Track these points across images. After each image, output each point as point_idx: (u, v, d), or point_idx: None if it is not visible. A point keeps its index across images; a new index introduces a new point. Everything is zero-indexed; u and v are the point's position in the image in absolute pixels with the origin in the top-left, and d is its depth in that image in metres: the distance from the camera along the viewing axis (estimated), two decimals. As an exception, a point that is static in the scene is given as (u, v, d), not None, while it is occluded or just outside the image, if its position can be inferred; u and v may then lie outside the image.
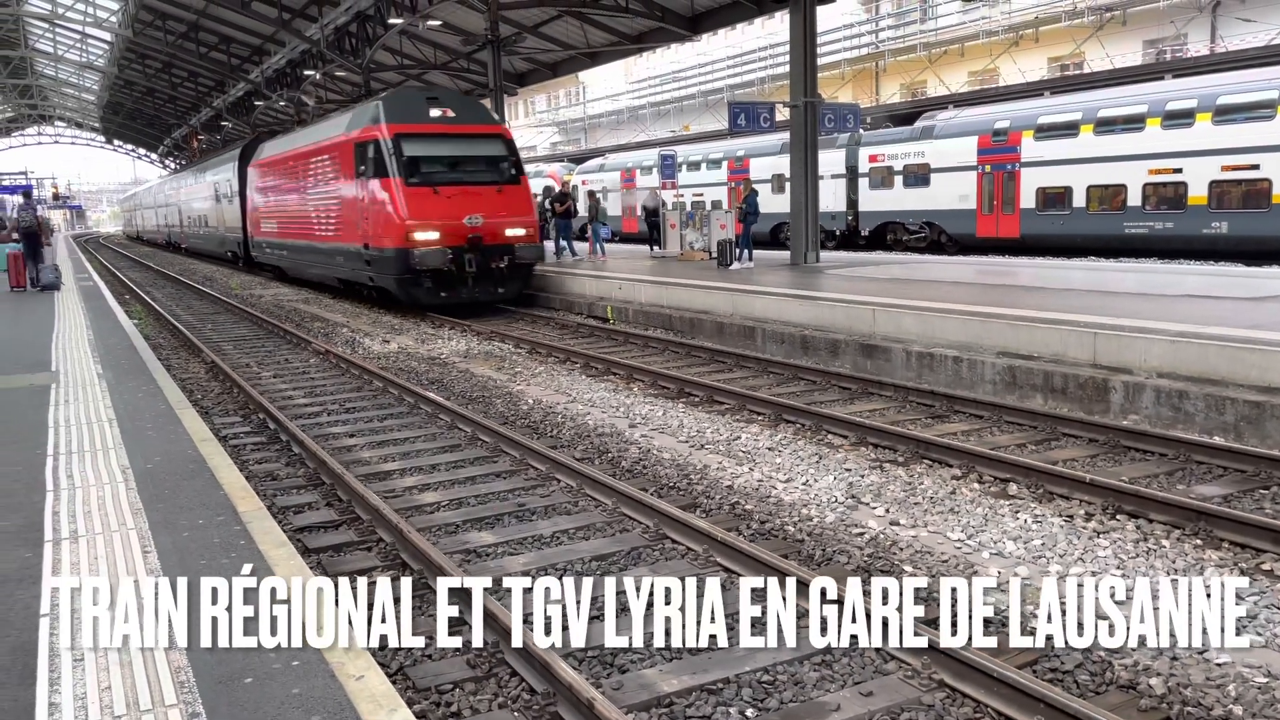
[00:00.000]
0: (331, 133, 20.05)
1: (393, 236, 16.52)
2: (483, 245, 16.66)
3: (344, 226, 18.80)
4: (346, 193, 18.53)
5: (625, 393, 10.32)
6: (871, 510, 6.40)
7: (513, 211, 17.22)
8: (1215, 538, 5.63)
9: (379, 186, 16.95)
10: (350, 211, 18.33)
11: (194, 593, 4.19)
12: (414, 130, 17.14)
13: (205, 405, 10.39)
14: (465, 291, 16.85)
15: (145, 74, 56.25)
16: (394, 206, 16.51)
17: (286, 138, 25.53)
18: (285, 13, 35.87)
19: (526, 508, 6.63)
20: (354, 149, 17.95)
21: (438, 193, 16.65)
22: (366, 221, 17.43)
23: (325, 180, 19.99)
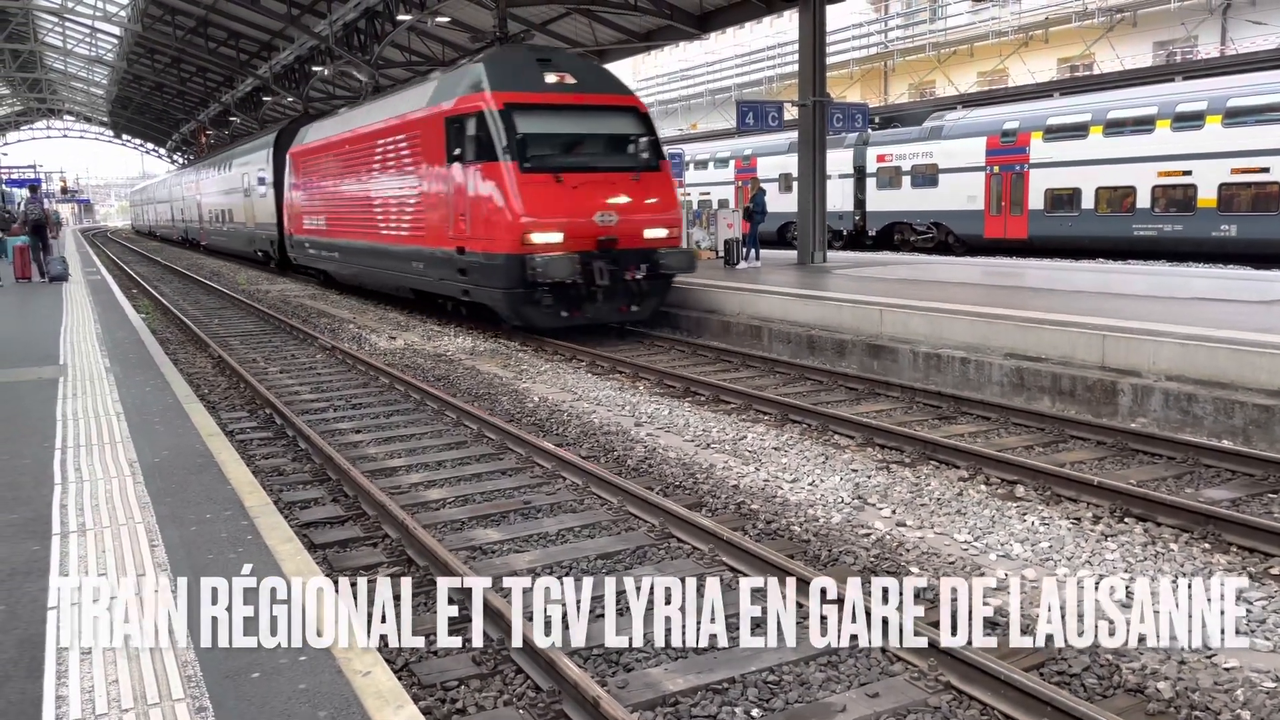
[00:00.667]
0: (407, 107, 16.20)
1: (503, 238, 12.78)
2: (616, 250, 12.95)
3: (426, 224, 15.17)
4: (431, 182, 14.91)
5: (631, 391, 10.31)
6: (878, 511, 6.38)
7: (654, 206, 13.54)
8: (1224, 542, 5.61)
9: (483, 173, 13.19)
10: (436, 206, 14.65)
11: (201, 587, 4.20)
12: (528, 100, 13.38)
13: (212, 400, 10.41)
14: (592, 310, 13.17)
15: (154, 69, 56.35)
16: (505, 199, 12.77)
17: (338, 118, 21.64)
18: (294, 8, 35.90)
19: (532, 505, 6.63)
20: (444, 126, 14.20)
21: (561, 182, 12.85)
22: (463, 219, 13.74)
23: (398, 167, 16.34)
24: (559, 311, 13.03)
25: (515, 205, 12.73)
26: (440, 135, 14.27)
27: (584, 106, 13.87)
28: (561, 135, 13.62)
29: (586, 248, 12.76)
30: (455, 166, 13.81)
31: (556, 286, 12.68)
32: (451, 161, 13.92)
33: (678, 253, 13.73)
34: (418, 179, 15.40)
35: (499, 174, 12.88)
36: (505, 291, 13.03)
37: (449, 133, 14.01)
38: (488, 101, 13.22)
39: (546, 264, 12.36)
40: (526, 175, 12.77)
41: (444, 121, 14.17)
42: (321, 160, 21.05)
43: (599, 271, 12.79)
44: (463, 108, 13.74)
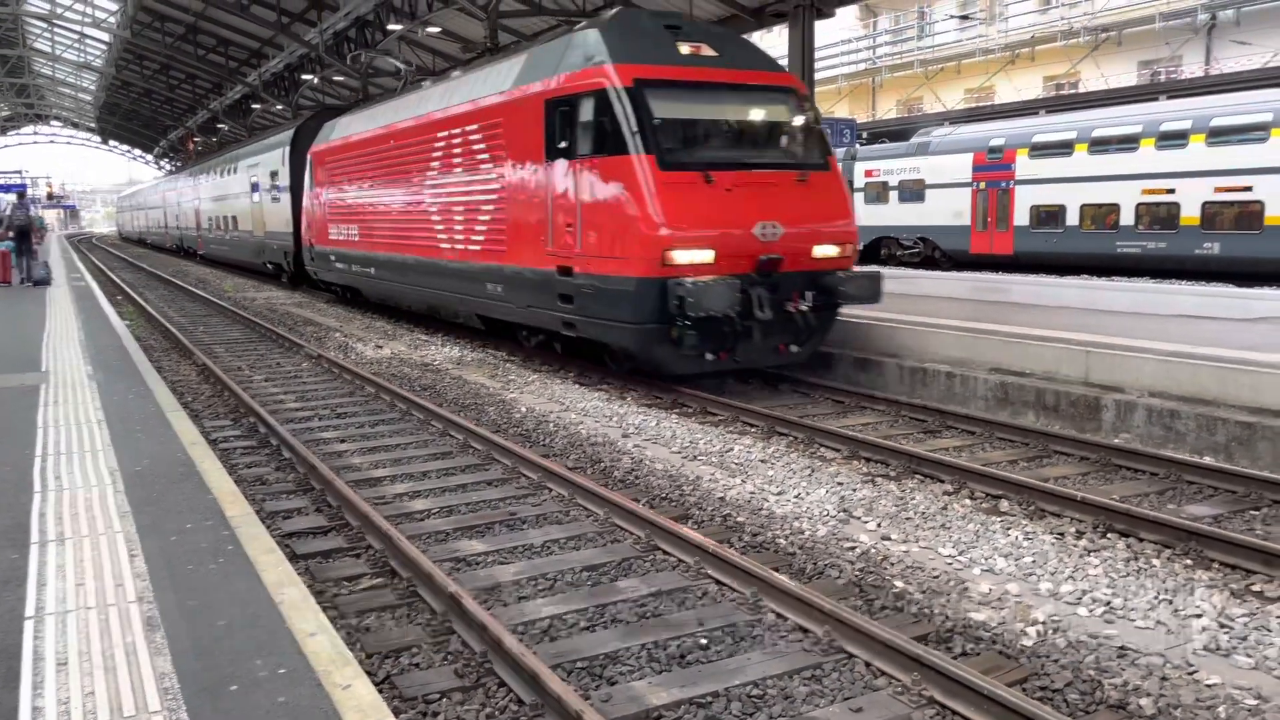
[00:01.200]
0: (482, 91, 13.16)
1: (635, 256, 9.70)
2: (779, 273, 10.05)
3: (509, 237, 12.13)
4: (518, 184, 11.86)
5: (619, 402, 10.30)
6: (863, 524, 6.38)
7: (825, 215, 10.56)
8: (1205, 558, 5.63)
9: (603, 171, 10.12)
10: (525, 213, 11.67)
11: (179, 598, 4.16)
12: (664, 76, 10.37)
13: (196, 408, 10.34)
14: (744, 351, 10.15)
15: (143, 75, 56.26)
16: (639, 205, 9.65)
17: (378, 109, 18.17)
18: (284, 16, 35.92)
19: (518, 516, 6.60)
20: (543, 111, 11.18)
21: (711, 183, 9.86)
22: (569, 230, 10.64)
23: (467, 165, 13.43)
24: (703, 353, 9.95)
25: (654, 213, 9.56)
26: (534, 123, 11.36)
27: (733, 86, 10.77)
28: (709, 122, 10.51)
29: (742, 269, 9.79)
30: (559, 164, 10.87)
31: (703, 321, 9.60)
32: (554, 157, 10.99)
33: (859, 276, 10.44)
34: (497, 180, 12.44)
35: (629, 171, 9.76)
36: (635, 327, 9.87)
37: (550, 120, 11.05)
38: (610, 77, 10.17)
39: (701, 292, 9.23)
40: (668, 174, 9.71)
41: (542, 106, 11.23)
42: (355, 159, 18.12)
43: (758, 301, 9.78)
44: (572, 86, 10.68)
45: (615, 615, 4.99)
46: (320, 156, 20.43)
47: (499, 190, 12.43)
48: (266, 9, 35.46)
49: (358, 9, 32.47)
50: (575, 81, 10.74)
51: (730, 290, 9.40)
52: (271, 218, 25.71)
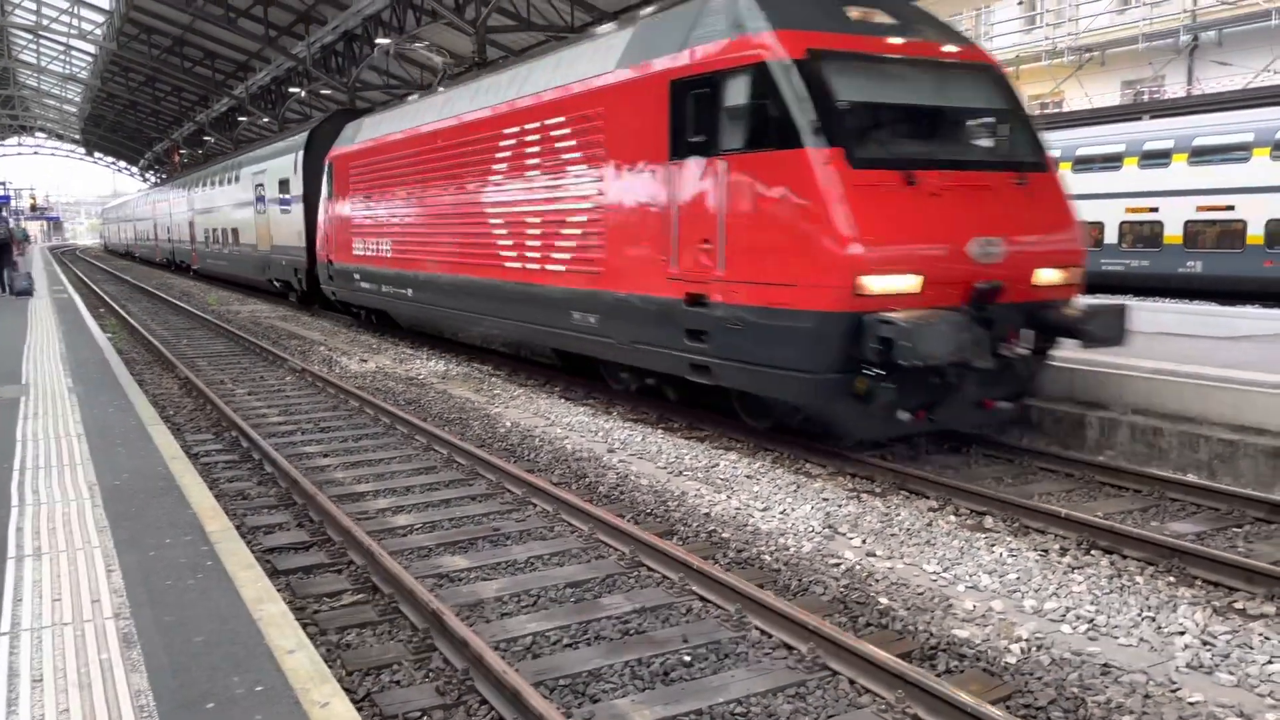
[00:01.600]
0: (578, 73, 10.55)
1: (817, 282, 7.39)
2: (996, 305, 7.69)
3: (614, 254, 9.73)
4: (626, 188, 9.49)
5: (604, 417, 10.28)
6: (848, 541, 6.37)
7: (1048, 228, 8.18)
8: (1188, 575, 5.64)
9: (761, 169, 7.79)
10: (638, 226, 9.30)
11: (158, 614, 4.11)
12: (842, 47, 8.06)
13: (177, 422, 10.26)
14: (949, 407, 7.85)
15: (128, 87, 56.12)
16: (820, 213, 7.33)
17: (419, 105, 15.65)
18: (272, 30, 35.94)
19: (501, 532, 6.56)
20: (673, 94, 8.70)
21: (914, 185, 7.54)
22: (706, 248, 8.27)
23: (549, 166, 10.86)
24: (896, 411, 7.49)
25: (843, 225, 7.16)
26: (651, 112, 8.95)
27: (925, 61, 8.30)
28: (904, 107, 8.08)
29: (953, 300, 7.46)
30: (691, 163, 8.41)
31: (905, 371, 7.12)
32: (682, 154, 8.54)
33: (1101, 311, 8.02)
34: (592, 184, 9.99)
35: (804, 170, 7.36)
36: (809, 378, 7.47)
37: (678, 106, 8.61)
38: (771, 47, 7.81)
39: (919, 333, 6.88)
40: (860, 173, 7.33)
41: (665, 89, 8.75)
42: (389, 164, 15.83)
43: (976, 342, 7.24)
44: (714, 62, 8.21)
45: (598, 632, 4.96)
46: (343, 162, 17.96)
47: (594, 197, 9.98)
48: (254, 22, 35.50)
49: (345, 23, 32.53)
50: (719, 55, 8.20)
51: (957, 330, 7.05)
52: (280, 231, 23.33)
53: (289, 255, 22.70)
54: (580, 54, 10.91)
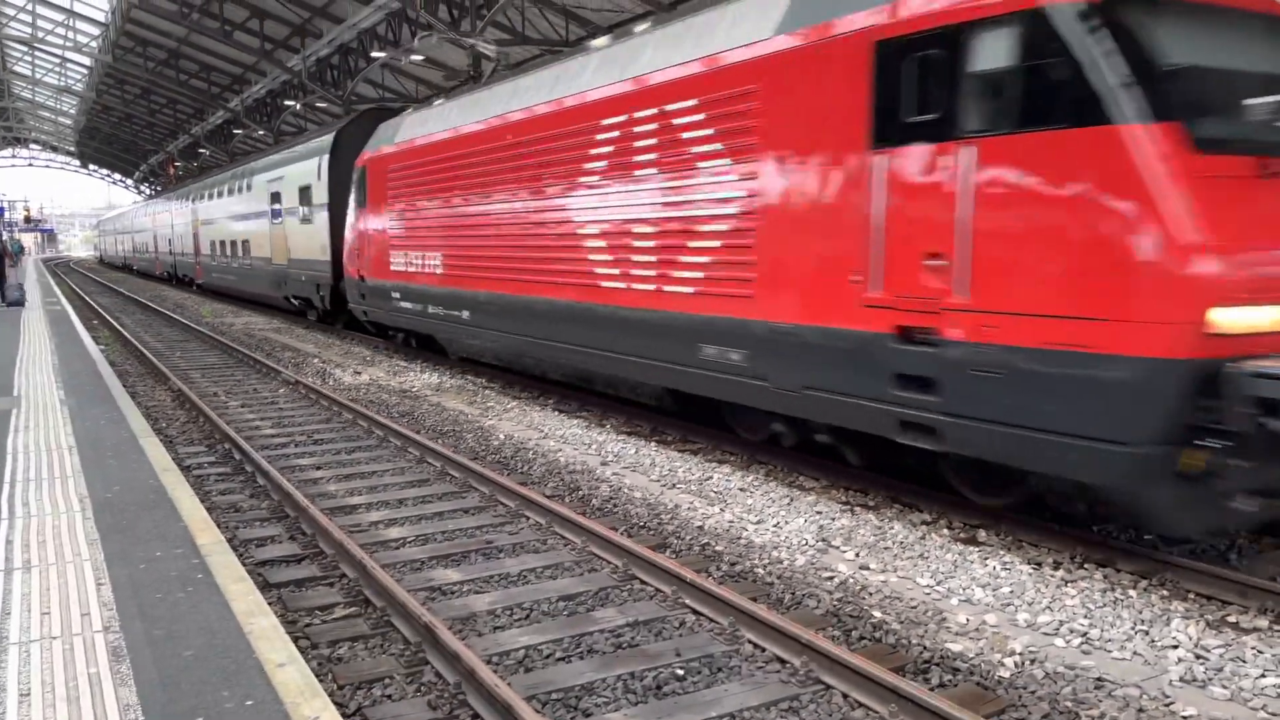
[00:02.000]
0: (713, 44, 8.55)
1: (1148, 312, 5.29)
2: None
3: (772, 271, 7.77)
4: (796, 186, 7.50)
5: (598, 429, 10.27)
6: (841, 554, 6.36)
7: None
8: (1181, 589, 5.64)
9: (1046, 155, 5.73)
10: (812, 233, 7.34)
11: (147, 627, 4.08)
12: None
13: (170, 434, 10.23)
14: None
15: (123, 99, 56.20)
16: (1148, 215, 5.29)
17: (476, 96, 13.61)
18: (267, 43, 36.04)
19: (494, 545, 6.54)
20: (877, 61, 6.72)
21: (1274, 179, 5.54)
22: (931, 263, 6.36)
23: (676, 159, 8.83)
24: (1238, 495, 5.43)
25: (1185, 231, 5.26)
26: (841, 85, 7.00)
27: (1251, 14, 6.31)
28: (1245, 74, 5.97)
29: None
30: (909, 150, 6.46)
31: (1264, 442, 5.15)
32: (896, 139, 6.56)
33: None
34: (740, 181, 8.04)
35: (1115, 154, 5.46)
36: (1126, 452, 5.41)
37: (888, 76, 6.63)
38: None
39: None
40: (1204, 160, 5.41)
41: (868, 53, 6.76)
42: (440, 165, 13.72)
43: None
44: (958, 10, 6.17)
45: (591, 645, 4.94)
46: (379, 166, 15.83)
47: (742, 200, 7.99)
48: (250, 35, 35.58)
49: (341, 36, 32.62)
50: (963, 4, 6.17)
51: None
52: (299, 243, 21.24)
53: (310, 270, 20.67)
54: (713, 22, 8.80)
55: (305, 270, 21.10)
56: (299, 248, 21.43)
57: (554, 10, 27.10)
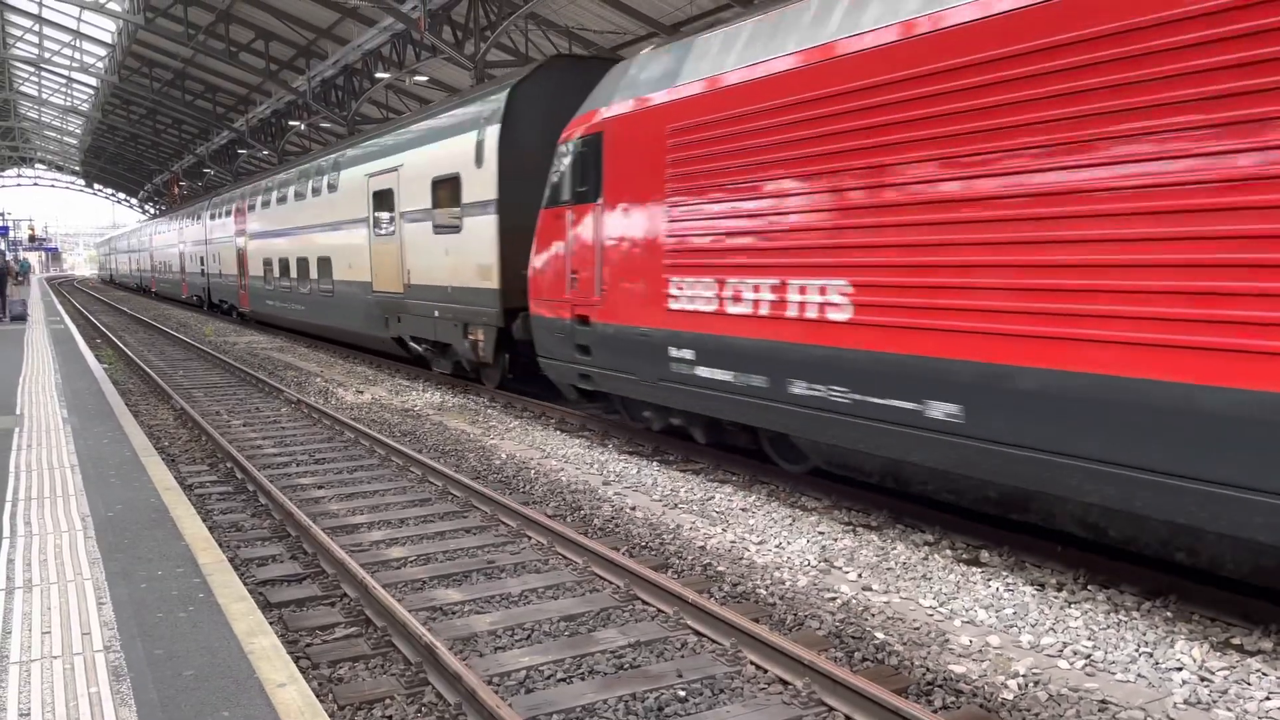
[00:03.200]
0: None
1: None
2: None
3: None
4: None
5: (600, 449, 10.26)
6: (844, 575, 6.34)
7: None
8: (1186, 610, 5.62)
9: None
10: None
11: (148, 646, 4.08)
12: None
13: (172, 453, 10.23)
14: None
15: (129, 119, 56.55)
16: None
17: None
18: (272, 64, 36.31)
19: (495, 565, 6.53)
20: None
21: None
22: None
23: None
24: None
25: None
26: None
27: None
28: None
29: None
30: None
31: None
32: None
33: None
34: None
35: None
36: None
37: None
38: None
39: None
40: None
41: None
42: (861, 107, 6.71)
43: None
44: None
45: (593, 666, 4.93)
46: (635, 130, 9.20)
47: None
48: (255, 56, 35.86)
49: (346, 58, 32.87)
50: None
51: None
52: (433, 262, 14.65)
53: (455, 303, 13.92)
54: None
55: (444, 303, 14.24)
56: (431, 269, 14.65)
57: (557, 31, 27.33)
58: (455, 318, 13.97)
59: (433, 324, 14.83)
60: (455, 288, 13.86)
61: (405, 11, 25.77)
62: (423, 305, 15.09)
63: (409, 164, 15.46)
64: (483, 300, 13.07)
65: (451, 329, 14.21)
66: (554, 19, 26.74)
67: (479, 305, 13.18)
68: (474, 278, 13.27)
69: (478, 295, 13.19)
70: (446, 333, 14.44)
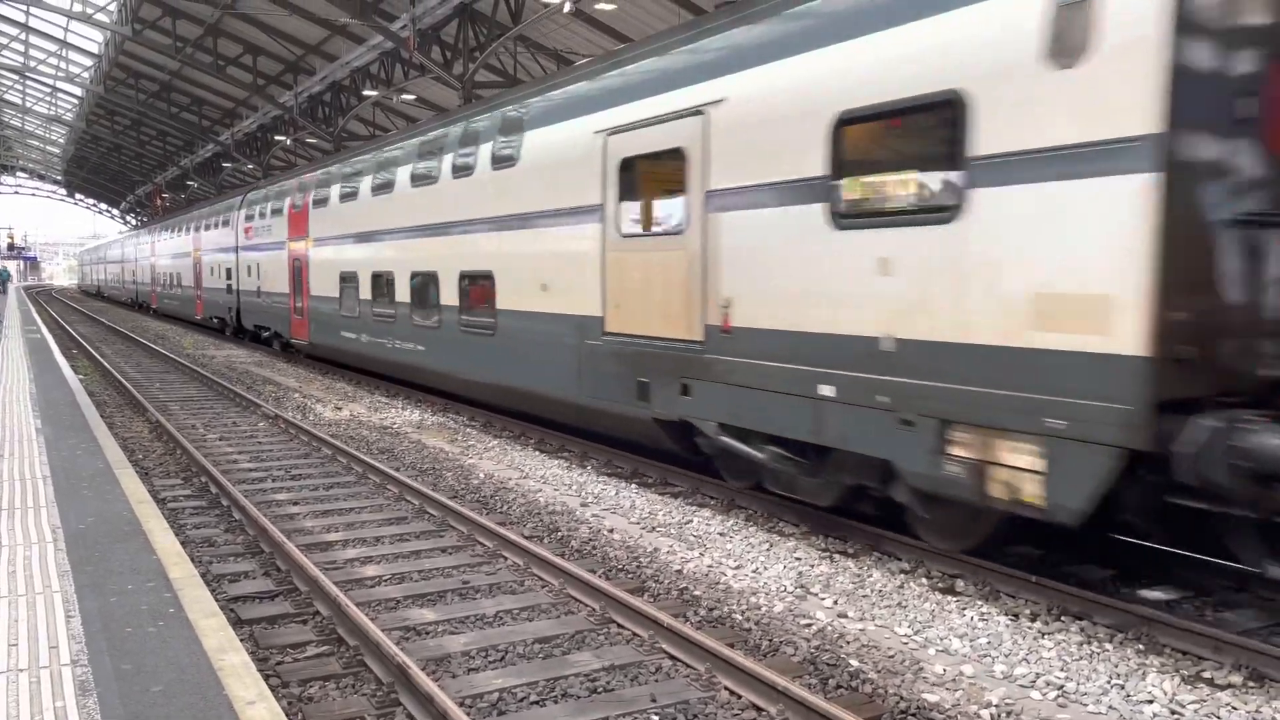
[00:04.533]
0: None
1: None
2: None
3: None
4: None
5: (579, 470, 10.24)
6: (820, 601, 6.35)
7: None
8: (1157, 643, 5.65)
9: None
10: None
11: (116, 661, 4.02)
12: None
13: (146, 466, 10.13)
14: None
15: (113, 130, 56.32)
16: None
17: None
18: (260, 79, 36.28)
19: (471, 585, 6.49)
20: None
21: None
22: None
23: None
24: None
25: None
26: None
27: None
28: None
29: None
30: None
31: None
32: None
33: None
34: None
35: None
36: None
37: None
38: None
39: None
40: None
41: None
42: None
43: None
44: None
45: (566, 689, 4.90)
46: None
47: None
48: (243, 70, 35.83)
49: (334, 74, 32.91)
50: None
51: None
52: (820, 286, 7.25)
53: (923, 376, 6.45)
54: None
55: (865, 373, 6.88)
56: (817, 302, 7.32)
57: (545, 54, 27.49)
58: (909, 407, 6.54)
59: (813, 412, 7.31)
60: (922, 342, 6.47)
61: (395, 30, 25.86)
62: (775, 372, 7.66)
63: (750, 91, 7.91)
64: (1073, 378, 5.60)
65: (887, 427, 6.71)
66: (543, 42, 26.91)
67: (1055, 389, 5.67)
68: (1028, 324, 5.82)
69: (1050, 365, 5.69)
70: (869, 433, 6.89)
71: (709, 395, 8.33)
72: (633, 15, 23.96)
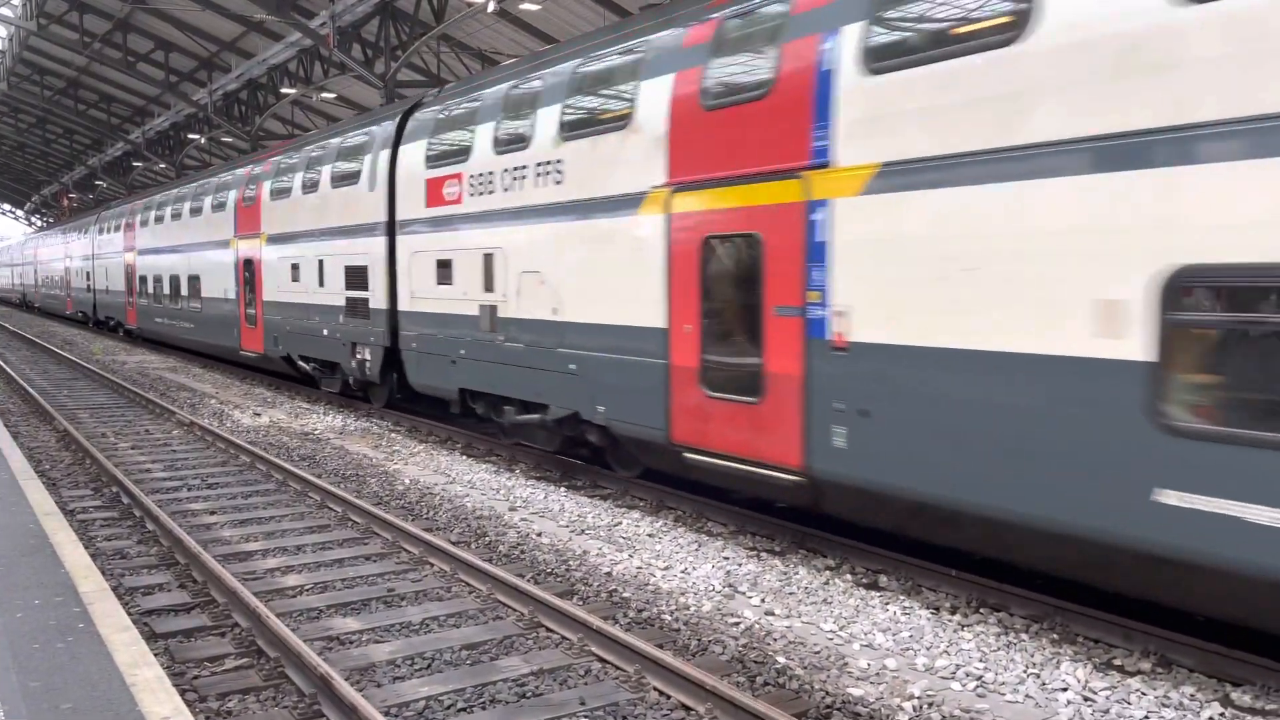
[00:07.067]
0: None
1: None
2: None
3: None
4: None
5: (507, 474, 10.16)
6: (748, 599, 6.41)
7: None
8: (1071, 632, 5.84)
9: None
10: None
11: (23, 679, 3.86)
12: None
13: (53, 476, 9.74)
14: None
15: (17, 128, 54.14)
16: None
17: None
18: (172, 75, 35.24)
19: (396, 593, 6.39)
20: None
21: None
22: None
23: None
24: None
25: None
26: None
27: None
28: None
29: None
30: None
31: None
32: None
33: None
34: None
35: None
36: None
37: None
38: None
39: None
40: None
41: None
42: None
43: None
44: None
45: (494, 695, 4.85)
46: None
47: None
48: (154, 67, 34.76)
49: (250, 71, 32.14)
50: None
51: None
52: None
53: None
54: None
55: None
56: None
57: (469, 54, 27.26)
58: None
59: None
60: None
61: (314, 28, 25.35)
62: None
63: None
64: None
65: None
66: (467, 41, 26.69)
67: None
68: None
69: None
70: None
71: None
72: (557, 16, 23.92)
